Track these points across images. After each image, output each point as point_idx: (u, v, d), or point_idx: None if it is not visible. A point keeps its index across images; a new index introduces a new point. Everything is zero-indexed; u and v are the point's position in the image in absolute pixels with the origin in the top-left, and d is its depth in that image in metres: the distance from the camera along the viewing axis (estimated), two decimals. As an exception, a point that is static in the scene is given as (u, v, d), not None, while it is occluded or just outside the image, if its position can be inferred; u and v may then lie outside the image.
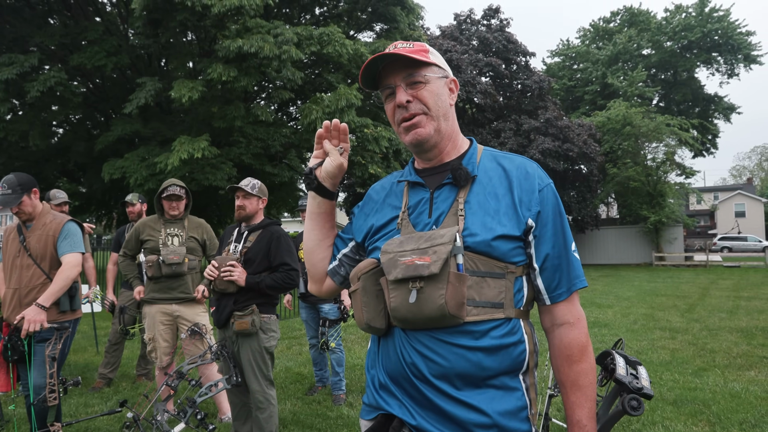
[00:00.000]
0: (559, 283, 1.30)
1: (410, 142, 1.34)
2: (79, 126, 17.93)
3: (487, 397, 1.22)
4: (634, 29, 36.68)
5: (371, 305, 1.29)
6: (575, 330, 1.30)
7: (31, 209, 3.35)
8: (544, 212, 1.30)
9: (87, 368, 5.84)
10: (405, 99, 1.30)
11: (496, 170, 1.35)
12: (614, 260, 28.22)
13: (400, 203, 1.38)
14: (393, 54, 1.29)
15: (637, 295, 13.09)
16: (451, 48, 23.61)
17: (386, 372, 1.31)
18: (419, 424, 1.23)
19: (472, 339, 1.21)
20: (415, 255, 1.21)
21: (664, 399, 4.74)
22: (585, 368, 1.28)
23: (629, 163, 26.60)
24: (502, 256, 1.24)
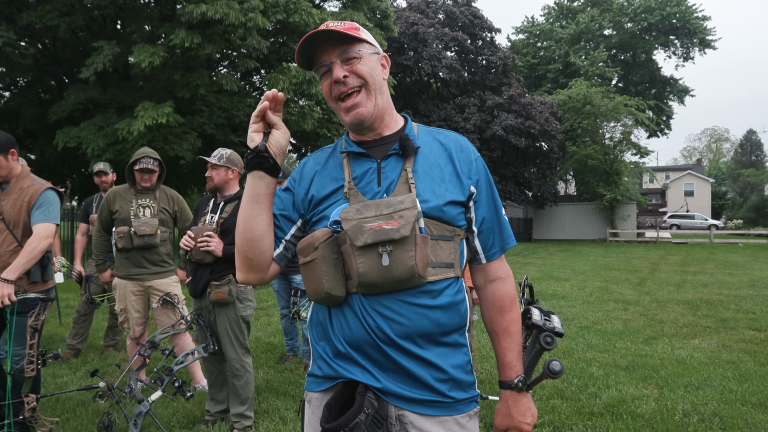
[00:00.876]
0: (493, 244, 1.45)
1: (351, 121, 1.37)
2: (29, 90, 17.04)
3: (442, 353, 1.33)
4: (597, 9, 37.26)
5: (331, 274, 1.30)
6: (506, 284, 1.45)
7: (6, 171, 3.15)
8: (480, 180, 1.43)
9: (51, 339, 5.75)
10: (342, 74, 1.33)
11: (434, 143, 1.44)
12: (571, 236, 29.18)
13: (342, 174, 1.40)
14: (326, 31, 1.32)
15: (592, 269, 13.65)
16: (418, 21, 23.44)
17: (345, 340, 1.33)
18: (384, 386, 1.29)
19: (431, 298, 1.30)
20: (381, 220, 1.26)
21: (617, 365, 5.05)
22: (514, 317, 1.44)
23: (588, 142, 27.35)
24: (451, 220, 1.35)
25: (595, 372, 4.82)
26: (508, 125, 23.93)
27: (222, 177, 3.50)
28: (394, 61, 22.68)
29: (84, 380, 4.37)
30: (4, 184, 3.19)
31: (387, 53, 11.01)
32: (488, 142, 24.66)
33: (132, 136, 12.05)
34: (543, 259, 17.08)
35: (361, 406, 1.25)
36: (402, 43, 22.99)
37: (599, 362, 5.15)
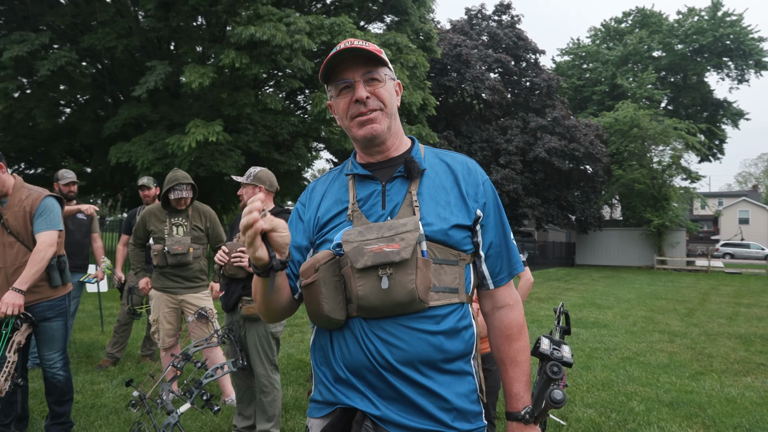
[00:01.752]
0: (501, 269, 1.41)
1: (364, 136, 1.36)
2: (87, 107, 17.96)
3: (446, 381, 1.28)
4: (645, 31, 36.47)
5: (331, 296, 1.27)
6: (514, 311, 1.41)
7: (0, 186, 3.14)
8: (488, 203, 1.40)
9: (92, 347, 5.92)
10: (365, 95, 1.33)
11: (440, 165, 1.42)
12: (616, 262, 28.26)
13: (347, 196, 1.39)
14: (355, 49, 1.31)
15: (637, 298, 13.13)
16: (461, 42, 23.53)
17: (345, 365, 1.29)
18: (383, 414, 1.24)
19: (434, 323, 1.26)
20: (382, 243, 1.24)
21: (661, 401, 4.79)
22: (522, 346, 1.40)
23: (635, 165, 26.58)
24: (456, 244, 1.32)
25: (636, 407, 4.58)
26: (551, 147, 23.55)
27: (250, 194, 3.55)
28: (437, 82, 22.78)
29: (120, 388, 4.47)
30: (3, 198, 3.19)
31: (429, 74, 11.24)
32: (531, 164, 24.31)
33: (182, 152, 12.48)
34: (585, 285, 16.57)
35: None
36: (445, 64, 23.10)
37: (641, 396, 4.90)
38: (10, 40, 13.11)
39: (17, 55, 12.65)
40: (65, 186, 5.05)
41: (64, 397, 3.35)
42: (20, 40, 13.01)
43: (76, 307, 5.45)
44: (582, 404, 4.62)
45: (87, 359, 5.43)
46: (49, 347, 3.26)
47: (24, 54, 12.75)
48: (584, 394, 4.92)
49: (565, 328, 3.80)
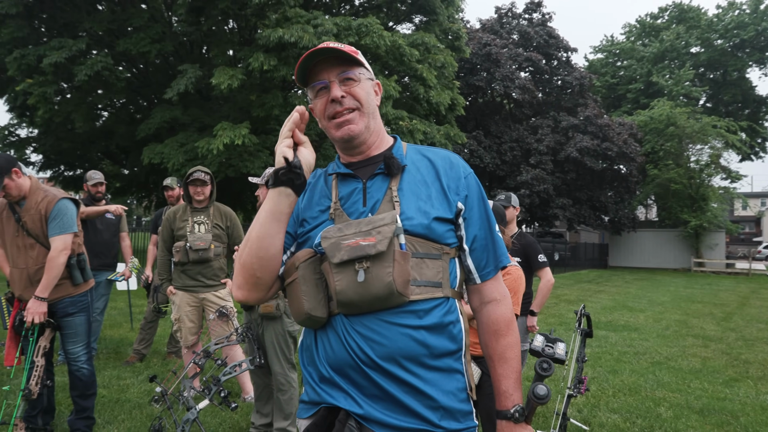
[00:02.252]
0: (487, 262, 1.39)
1: (341, 136, 1.36)
2: (123, 110, 18.49)
3: (432, 379, 1.25)
4: (682, 26, 35.37)
5: (311, 294, 1.27)
6: (502, 306, 1.39)
7: (17, 191, 3.19)
8: (470, 196, 1.38)
9: (121, 343, 6.08)
10: (340, 94, 1.33)
11: (423, 161, 1.42)
12: (651, 264, 27.50)
13: (330, 195, 1.39)
14: (329, 49, 1.32)
15: (671, 301, 12.75)
16: (491, 41, 23.29)
17: (329, 364, 1.28)
18: (366, 412, 1.23)
19: (417, 318, 1.24)
20: (359, 237, 1.23)
21: (690, 407, 4.63)
22: (510, 342, 1.37)
23: (671, 165, 25.80)
24: (438, 237, 1.30)
25: (664, 413, 4.44)
26: (583, 147, 23.09)
27: (264, 195, 3.59)
28: (466, 81, 22.60)
29: (144, 384, 4.57)
30: (21, 201, 3.26)
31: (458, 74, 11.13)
32: (562, 164, 23.89)
33: (211, 154, 12.73)
34: (618, 287, 16.17)
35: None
36: (474, 63, 22.91)
37: (669, 402, 4.75)
38: (50, 46, 13.60)
39: (56, 61, 13.11)
40: (93, 187, 5.20)
41: (88, 391, 3.44)
42: (59, 46, 13.48)
43: (106, 304, 5.60)
44: (607, 409, 4.50)
45: (115, 355, 5.58)
46: (73, 341, 3.36)
47: (63, 60, 13.21)
48: (609, 399, 4.79)
49: (586, 330, 3.71)
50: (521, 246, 4.05)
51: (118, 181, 21.33)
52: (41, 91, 13.70)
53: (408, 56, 14.81)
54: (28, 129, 19.91)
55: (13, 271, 3.28)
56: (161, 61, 17.33)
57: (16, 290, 3.28)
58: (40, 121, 15.68)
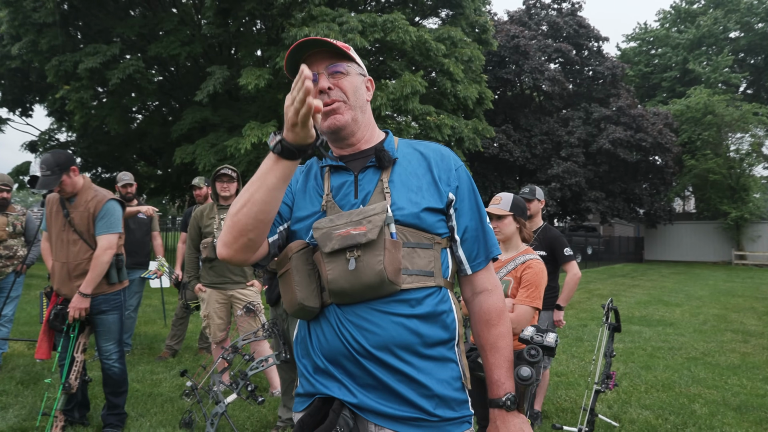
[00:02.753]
0: (478, 253, 1.40)
1: (327, 127, 1.36)
2: (156, 112, 18.97)
3: (426, 368, 1.26)
4: (720, 10, 34.07)
5: (304, 284, 1.28)
6: (493, 296, 1.40)
7: (71, 188, 3.33)
8: (461, 188, 1.40)
9: (155, 339, 6.25)
10: (327, 85, 1.33)
11: (414, 154, 1.43)
12: (688, 257, 26.71)
13: (322, 187, 1.40)
14: (318, 41, 1.32)
15: (710, 295, 12.36)
16: (519, 33, 22.93)
17: (323, 354, 1.29)
18: (360, 401, 1.24)
19: (409, 307, 1.26)
20: (350, 226, 1.25)
21: (727, 404, 4.48)
22: (502, 331, 1.38)
23: (709, 155, 24.96)
24: (429, 227, 1.31)
25: (698, 410, 4.31)
26: (616, 138, 22.53)
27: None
28: (494, 75, 22.33)
29: (176, 378, 4.69)
30: (72, 198, 3.39)
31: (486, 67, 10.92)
32: (594, 156, 23.39)
33: (240, 153, 12.94)
34: (653, 281, 15.76)
35: (333, 423, 1.19)
36: (502, 56, 22.61)
37: (705, 399, 4.61)
38: (85, 52, 14.04)
39: (91, 66, 13.53)
40: (122, 188, 5.37)
41: (120, 389, 3.54)
42: (93, 52, 13.90)
43: (139, 301, 5.78)
44: (638, 405, 4.40)
45: (149, 351, 5.74)
46: (106, 338, 3.46)
47: (97, 65, 13.62)
48: (642, 395, 4.68)
49: (614, 324, 3.64)
50: (546, 240, 3.99)
51: (153, 181, 21.89)
52: (78, 96, 14.17)
53: (434, 51, 14.72)
54: (67, 133, 20.65)
55: (55, 264, 3.40)
56: (191, 64, 17.69)
57: (55, 283, 3.40)
58: (78, 126, 16.21)
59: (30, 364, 4.98)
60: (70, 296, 3.33)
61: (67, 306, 3.33)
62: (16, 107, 20.60)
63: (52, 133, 20.76)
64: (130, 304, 5.53)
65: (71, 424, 3.54)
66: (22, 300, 5.63)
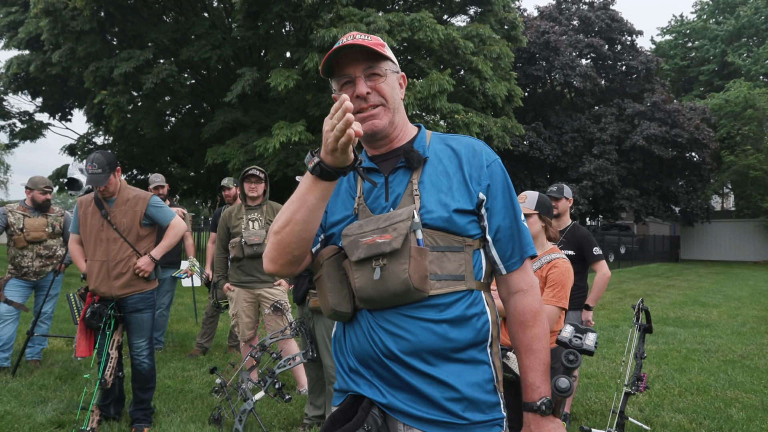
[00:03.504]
0: (512, 253, 1.37)
1: (366, 132, 1.34)
2: (188, 115, 19.36)
3: (456, 371, 1.25)
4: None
5: (335, 290, 1.31)
6: (528, 297, 1.36)
7: (113, 187, 3.47)
8: (493, 186, 1.36)
9: (186, 337, 6.39)
10: (366, 90, 1.33)
11: (445, 151, 1.40)
12: (727, 257, 25.87)
13: (355, 189, 1.40)
14: (354, 44, 1.31)
15: (750, 296, 11.94)
16: (549, 29, 22.60)
17: (355, 356, 1.32)
18: (390, 402, 1.25)
19: (438, 312, 1.25)
20: (376, 234, 1.25)
21: (766, 409, 4.33)
22: (538, 333, 1.34)
23: (750, 150, 24.12)
24: (459, 230, 1.29)
25: (735, 414, 4.18)
26: (650, 134, 22.00)
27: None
28: (523, 71, 22.05)
29: (206, 376, 4.79)
30: (110, 198, 3.52)
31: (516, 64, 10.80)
32: (627, 153, 22.88)
33: (268, 152, 13.12)
34: (689, 281, 15.31)
35: (361, 421, 1.21)
36: (532, 53, 22.32)
37: (742, 403, 4.46)
38: (120, 58, 14.45)
39: (126, 71, 13.91)
40: (154, 189, 5.51)
41: (148, 384, 3.64)
42: (128, 57, 14.29)
43: (171, 299, 5.92)
44: (671, 409, 4.28)
45: (181, 348, 5.87)
46: (139, 335, 3.57)
47: (131, 70, 14.00)
48: (675, 398, 4.56)
49: (645, 325, 3.55)
50: (575, 239, 3.92)
51: (186, 183, 22.36)
52: (115, 101, 14.59)
53: (462, 49, 14.62)
54: (104, 137, 21.28)
55: (91, 264, 3.49)
56: (222, 66, 18.00)
57: (92, 283, 3.48)
58: (114, 129, 16.69)
59: (68, 360, 5.16)
60: (108, 294, 3.44)
61: (103, 304, 3.44)
62: (56, 112, 21.35)
63: (89, 137, 21.42)
64: (162, 302, 5.66)
65: (106, 419, 3.65)
66: (61, 298, 5.82)
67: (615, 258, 20.53)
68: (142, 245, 3.57)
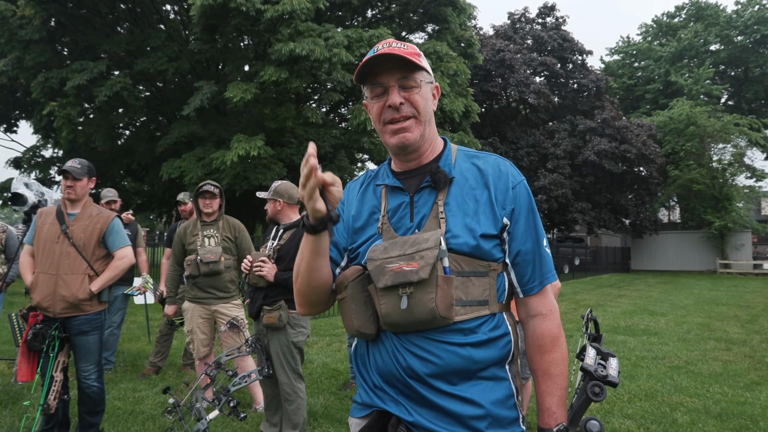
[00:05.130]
0: (531, 277, 1.35)
1: (396, 144, 1.34)
2: (143, 128, 18.91)
3: (479, 389, 1.26)
4: (700, 24, 34.85)
5: (360, 312, 1.31)
6: (547, 321, 1.34)
7: (82, 192, 3.45)
8: (517, 209, 1.33)
9: (139, 356, 6.19)
10: (399, 101, 1.30)
11: (472, 170, 1.37)
12: (674, 267, 26.98)
13: (379, 207, 1.39)
14: (392, 55, 1.29)
15: (695, 304, 12.48)
16: (504, 47, 23.26)
17: (379, 374, 1.32)
18: (416, 420, 1.25)
19: (463, 336, 1.26)
20: (402, 261, 1.24)
21: (708, 412, 4.53)
22: (556, 358, 1.32)
23: (693, 165, 25.35)
24: (485, 255, 1.28)
25: (680, 418, 4.36)
26: (601, 150, 22.85)
27: (272, 208, 3.67)
28: (480, 88, 22.59)
29: (159, 396, 4.65)
30: (71, 211, 3.45)
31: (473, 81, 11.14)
32: (580, 167, 23.66)
33: (225, 166, 12.94)
34: (639, 291, 15.89)
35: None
36: (488, 70, 22.90)
37: (686, 407, 4.66)
38: (72, 69, 14.03)
39: (78, 83, 13.51)
40: (106, 204, 5.36)
41: (97, 408, 3.51)
42: (80, 69, 13.90)
43: (123, 317, 5.73)
44: (621, 415, 4.43)
45: (132, 368, 5.68)
46: (86, 359, 3.43)
47: (84, 82, 13.61)
48: (624, 405, 4.72)
49: (594, 335, 3.68)
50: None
51: (140, 197, 21.76)
52: (65, 113, 14.12)
53: (420, 65, 14.87)
54: (53, 150, 20.51)
55: (39, 276, 3.34)
56: (179, 79, 17.71)
57: (36, 296, 3.34)
58: (64, 142, 16.12)
59: (8, 384, 4.92)
60: (51, 310, 3.30)
61: (46, 325, 3.30)
62: (1, 123, 20.48)
63: (37, 150, 20.60)
64: (113, 321, 5.49)
65: (50, 444, 3.50)
66: (2, 318, 5.56)
67: (570, 269, 21.11)
68: (98, 266, 3.46)
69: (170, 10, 18.66)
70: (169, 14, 18.64)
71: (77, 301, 3.34)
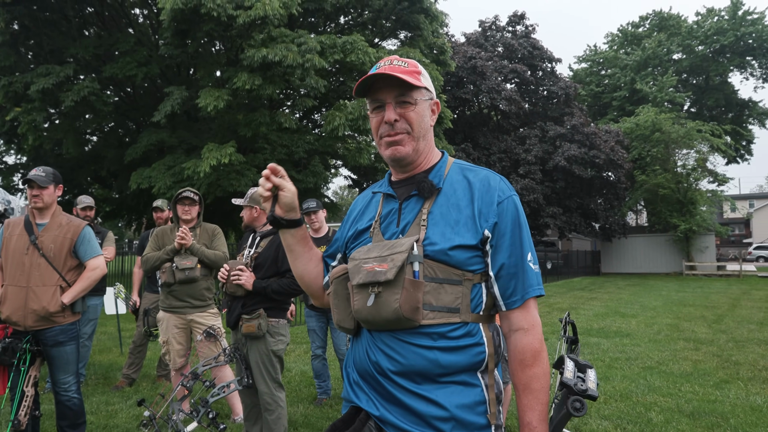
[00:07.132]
0: (513, 291, 1.36)
1: (389, 156, 1.44)
2: (111, 134, 18.48)
3: (446, 392, 1.30)
4: (663, 34, 36.00)
5: (341, 307, 1.42)
6: (529, 336, 1.35)
7: (49, 200, 3.35)
8: (501, 224, 1.36)
9: (111, 368, 6.03)
10: (393, 118, 1.39)
11: (462, 182, 1.43)
12: (643, 269, 27.65)
13: (375, 213, 1.49)
14: (389, 76, 1.37)
15: (663, 305, 12.81)
16: (476, 55, 23.56)
17: (356, 369, 1.41)
18: (382, 414, 1.32)
19: (430, 340, 1.30)
20: (376, 262, 1.32)
21: (681, 411, 4.65)
22: (537, 373, 1.32)
23: (658, 170, 26.08)
24: (459, 264, 1.32)
25: (654, 418, 4.46)
26: (571, 155, 23.30)
27: (248, 215, 3.63)
28: (453, 95, 22.82)
29: (133, 408, 4.53)
30: (40, 222, 3.34)
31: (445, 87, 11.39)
32: (551, 173, 24.07)
33: (199, 176, 12.75)
34: (610, 293, 16.23)
35: (357, 431, 1.30)
36: (460, 77, 23.15)
37: (660, 407, 4.76)
38: (37, 73, 13.63)
39: (43, 87, 13.13)
40: (82, 210, 5.22)
41: (78, 420, 3.41)
42: (46, 73, 13.52)
43: (94, 329, 5.57)
44: (598, 416, 4.51)
45: (104, 380, 5.53)
46: (65, 370, 3.33)
47: (50, 86, 13.24)
48: (600, 406, 4.80)
49: (572, 338, 3.73)
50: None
51: (108, 204, 21.25)
52: (30, 118, 13.71)
53: (393, 72, 14.95)
54: (17, 156, 19.88)
55: (9, 289, 3.24)
56: (149, 84, 17.40)
57: (6, 310, 3.22)
58: (29, 149, 15.65)
59: (-25, 399, 4.72)
60: (21, 323, 3.19)
61: (17, 338, 3.19)
62: (-39, 129, 19.75)
63: (-1, 156, 19.97)
64: (84, 332, 5.32)
65: (20, 461, 3.36)
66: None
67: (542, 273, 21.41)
68: (70, 276, 3.35)
69: (139, 14, 18.34)
70: (138, 18, 18.32)
71: (48, 315, 3.23)
